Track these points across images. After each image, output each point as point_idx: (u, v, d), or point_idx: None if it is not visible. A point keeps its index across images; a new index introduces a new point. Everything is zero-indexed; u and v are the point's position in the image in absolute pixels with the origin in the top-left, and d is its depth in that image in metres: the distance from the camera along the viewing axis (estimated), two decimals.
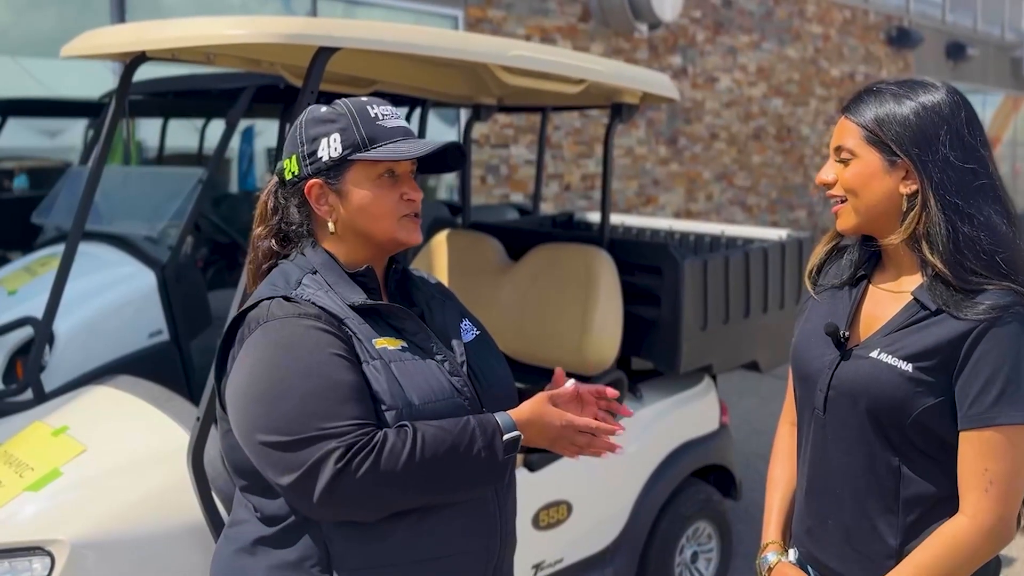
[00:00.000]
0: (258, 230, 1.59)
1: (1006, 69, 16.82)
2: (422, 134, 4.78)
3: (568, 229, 4.68)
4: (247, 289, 1.62)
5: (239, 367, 1.42)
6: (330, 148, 1.50)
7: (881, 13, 12.83)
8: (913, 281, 1.54)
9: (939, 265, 1.45)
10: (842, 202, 1.57)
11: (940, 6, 14.52)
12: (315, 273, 1.51)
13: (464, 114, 7.03)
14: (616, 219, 4.62)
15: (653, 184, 9.64)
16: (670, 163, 9.81)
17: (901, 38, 12.93)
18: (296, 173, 1.53)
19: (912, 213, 1.48)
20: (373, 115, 1.52)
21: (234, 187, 7.61)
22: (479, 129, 7.86)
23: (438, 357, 1.51)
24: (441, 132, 8.05)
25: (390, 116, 1.54)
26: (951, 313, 1.44)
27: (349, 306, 1.47)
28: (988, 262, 1.44)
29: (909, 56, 13.47)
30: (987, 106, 16.75)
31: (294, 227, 1.56)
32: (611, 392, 1.58)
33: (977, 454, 1.42)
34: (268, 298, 1.46)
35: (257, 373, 1.39)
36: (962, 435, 1.45)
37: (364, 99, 1.56)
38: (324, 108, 1.54)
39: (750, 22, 10.57)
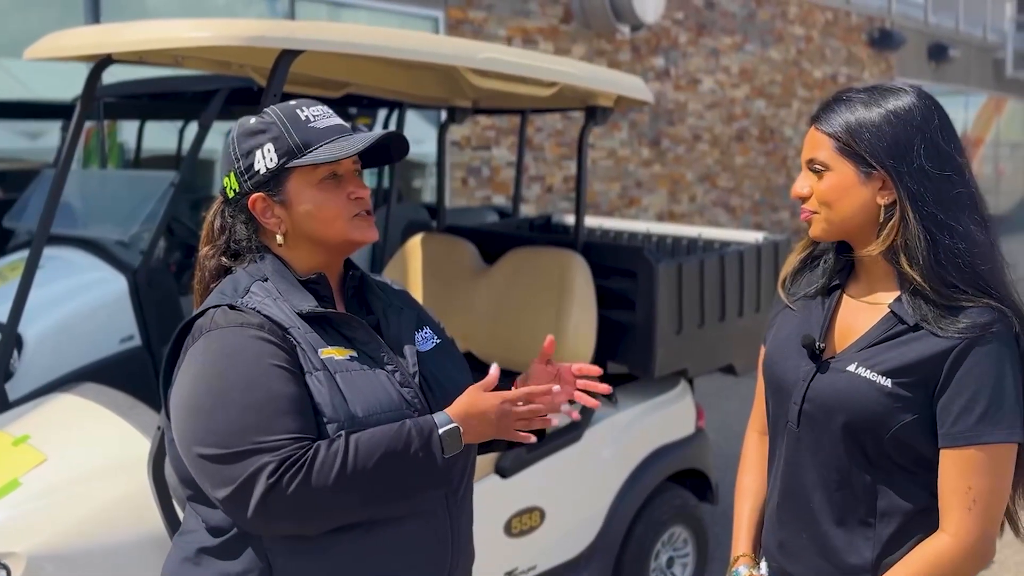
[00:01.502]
0: (204, 250, 1.57)
1: (988, 70, 16.91)
2: None
3: (546, 231, 4.66)
4: (194, 309, 1.59)
5: (181, 378, 1.41)
6: (265, 159, 1.47)
7: (863, 14, 12.87)
8: (888, 292, 1.51)
9: (918, 279, 1.43)
10: (815, 212, 1.53)
11: (922, 7, 14.59)
12: (266, 281, 1.48)
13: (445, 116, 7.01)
14: (594, 222, 4.60)
15: (636, 186, 9.64)
16: (653, 164, 9.81)
17: (883, 39, 12.97)
18: (237, 190, 1.51)
19: (890, 224, 1.45)
20: (304, 118, 1.49)
21: (215, 190, 7.54)
22: (461, 131, 7.83)
23: (388, 367, 1.48)
24: (424, 133, 8.01)
25: (322, 116, 1.51)
26: (930, 330, 1.42)
27: (298, 314, 1.45)
28: (969, 275, 1.42)
29: (891, 58, 13.52)
30: (969, 107, 16.84)
31: (243, 243, 1.54)
32: (594, 369, 1.56)
33: (960, 472, 1.41)
34: (215, 306, 1.44)
35: (197, 384, 1.37)
36: (944, 452, 1.43)
37: (293, 103, 1.53)
38: (253, 119, 1.52)
39: (732, 24, 10.59)
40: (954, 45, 14.95)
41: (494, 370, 1.50)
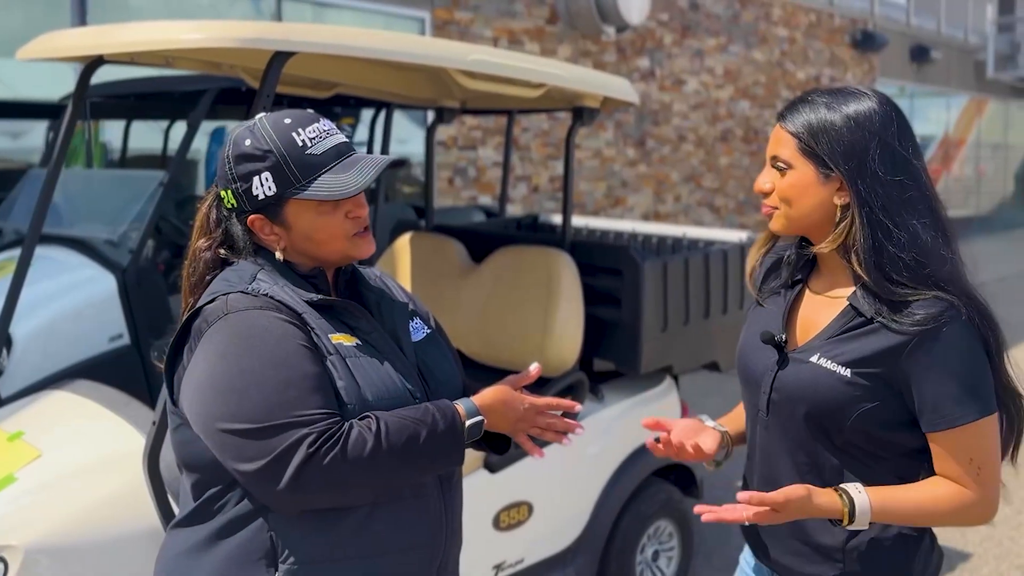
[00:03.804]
0: (200, 243, 1.57)
1: (969, 72, 17.07)
2: (386, 137, 4.76)
3: (533, 231, 4.70)
4: (182, 302, 1.59)
5: (200, 359, 1.42)
6: (264, 187, 1.47)
7: (846, 16, 12.99)
8: (848, 287, 1.58)
9: (866, 277, 1.50)
10: (776, 208, 1.60)
11: (904, 9, 14.72)
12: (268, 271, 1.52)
13: (432, 116, 7.03)
14: (580, 221, 4.64)
15: (621, 186, 9.70)
16: (638, 165, 9.87)
17: (866, 41, 13.09)
18: (235, 206, 1.52)
19: (843, 224, 1.52)
20: (301, 144, 1.47)
21: (202, 189, 7.54)
22: (447, 131, 7.87)
23: (390, 356, 1.53)
24: (410, 133, 8.04)
25: (319, 138, 1.49)
26: (885, 323, 1.49)
27: (305, 302, 1.49)
28: (913, 275, 1.48)
29: (874, 59, 13.65)
30: (951, 108, 16.98)
31: (239, 241, 1.55)
32: (568, 404, 1.63)
33: (956, 450, 1.48)
34: (224, 293, 1.46)
35: (224, 363, 1.39)
36: (933, 438, 1.50)
37: (288, 121, 1.49)
38: (248, 141, 1.49)
39: (717, 25, 10.67)
40: (936, 47, 15.09)
41: (534, 369, 1.59)
